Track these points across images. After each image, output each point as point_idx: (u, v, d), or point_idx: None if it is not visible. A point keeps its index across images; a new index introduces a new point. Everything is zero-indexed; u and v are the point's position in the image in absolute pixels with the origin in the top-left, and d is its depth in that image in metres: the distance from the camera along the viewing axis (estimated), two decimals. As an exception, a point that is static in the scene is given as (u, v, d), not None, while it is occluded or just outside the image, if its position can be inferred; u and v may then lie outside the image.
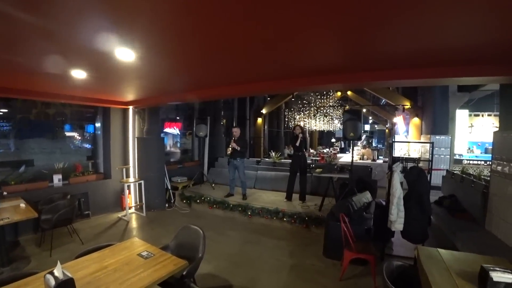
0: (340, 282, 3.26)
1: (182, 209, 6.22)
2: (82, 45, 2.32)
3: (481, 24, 1.83)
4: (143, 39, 2.26)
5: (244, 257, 3.93)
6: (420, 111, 8.66)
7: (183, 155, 9.12)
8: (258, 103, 12.34)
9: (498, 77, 2.83)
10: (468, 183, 4.49)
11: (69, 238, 4.42)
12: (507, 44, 2.18)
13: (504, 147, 3.47)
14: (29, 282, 1.98)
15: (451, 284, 1.78)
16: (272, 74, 3.58)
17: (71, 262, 2.32)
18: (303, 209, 5.20)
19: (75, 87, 4.16)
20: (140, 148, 6.23)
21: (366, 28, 1.99)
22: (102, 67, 3.08)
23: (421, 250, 2.27)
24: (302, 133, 5.75)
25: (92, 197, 5.69)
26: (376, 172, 7.58)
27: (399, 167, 3.45)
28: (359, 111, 4.81)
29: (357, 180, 4.95)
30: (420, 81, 3.38)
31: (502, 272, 1.69)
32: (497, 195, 3.52)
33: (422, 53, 2.51)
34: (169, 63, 3.02)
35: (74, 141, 6.35)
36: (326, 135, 23.20)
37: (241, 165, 5.91)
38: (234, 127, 6.15)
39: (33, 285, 1.95)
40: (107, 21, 1.90)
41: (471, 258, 2.17)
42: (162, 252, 2.48)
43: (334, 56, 2.76)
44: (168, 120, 8.53)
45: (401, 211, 3.30)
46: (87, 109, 6.28)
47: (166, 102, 5.83)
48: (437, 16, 1.74)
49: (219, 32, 2.08)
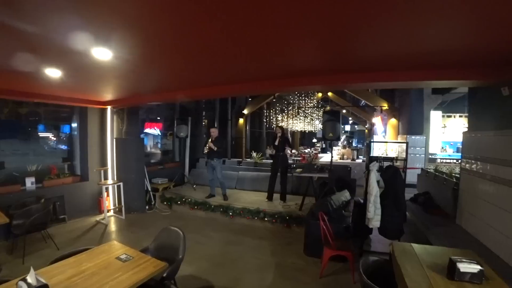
0: (321, 279, 3.33)
1: (163, 211, 6.12)
2: (56, 43, 2.24)
3: (450, 32, 1.95)
4: (121, 39, 2.22)
5: (226, 258, 3.93)
6: (397, 112, 9.00)
7: (164, 156, 8.97)
8: (240, 104, 12.34)
9: (466, 81, 3.01)
10: (440, 180, 4.72)
11: (44, 243, 4.23)
12: (474, 50, 2.34)
13: (472, 147, 3.67)
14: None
15: (423, 276, 1.87)
16: (253, 76, 3.60)
17: (46, 268, 2.23)
18: (284, 209, 5.26)
19: (50, 86, 4.00)
20: (119, 149, 6.07)
21: (345, 33, 2.07)
22: (78, 66, 2.98)
23: (396, 246, 2.37)
24: (283, 133, 5.81)
25: (68, 200, 5.46)
26: (355, 171, 7.79)
27: (376, 166, 3.57)
28: (338, 112, 4.93)
29: (337, 179, 5.07)
30: (396, 84, 3.52)
31: (468, 263, 1.80)
32: (466, 191, 3.73)
33: (397, 57, 2.62)
34: (148, 63, 2.97)
35: (49, 142, 6.09)
36: (308, 135, 23.55)
37: (218, 165, 5.91)
38: (212, 128, 6.15)
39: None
40: (81, 20, 1.84)
41: (441, 251, 2.28)
42: (141, 255, 2.44)
43: (315, 59, 2.83)
44: (148, 120, 8.36)
45: (378, 208, 3.42)
46: (62, 108, 6.03)
47: (146, 102, 5.72)
48: (410, 24, 1.84)
49: (200, 33, 2.08)
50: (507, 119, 2.99)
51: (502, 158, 2.97)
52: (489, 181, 3.19)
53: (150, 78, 3.74)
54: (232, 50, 2.51)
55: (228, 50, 2.50)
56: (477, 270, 1.77)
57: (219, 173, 5.93)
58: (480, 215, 3.33)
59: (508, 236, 2.78)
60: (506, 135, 2.95)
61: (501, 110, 3.10)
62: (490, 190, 3.18)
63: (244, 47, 2.44)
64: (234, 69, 3.27)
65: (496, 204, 3.04)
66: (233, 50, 2.51)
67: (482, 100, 3.56)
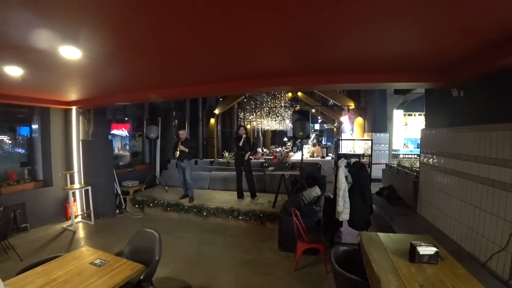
0: (295, 272, 3.47)
1: (134, 214, 5.95)
2: (16, 41, 2.13)
3: (407, 39, 2.20)
4: (90, 36, 2.16)
5: (201, 258, 3.94)
6: (363, 111, 9.51)
7: (133, 158, 8.69)
8: (211, 104, 12.27)
9: (421, 83, 3.32)
10: (402, 174, 5.09)
11: (4, 255, 3.93)
12: (425, 56, 2.64)
13: (428, 142, 4.02)
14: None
15: (388, 260, 2.06)
16: (224, 76, 3.67)
17: (12, 279, 2.09)
18: (257, 207, 5.37)
19: (9, 85, 3.73)
20: (85, 152, 5.80)
21: (310, 40, 2.23)
22: (42, 65, 2.84)
23: (363, 235, 2.55)
24: (246, 134, 5.91)
25: (30, 207, 5.11)
26: (325, 168, 8.11)
27: (344, 162, 3.78)
28: (307, 111, 5.13)
29: (307, 176, 5.25)
30: (360, 85, 3.79)
31: (426, 246, 2.01)
32: (425, 183, 4.08)
33: (360, 61, 2.85)
34: (118, 62, 2.91)
35: (3, 145, 5.63)
36: (278, 134, 23.96)
37: (187, 166, 5.88)
38: (179, 129, 6.06)
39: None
40: (45, 16, 1.78)
41: (403, 238, 2.50)
42: (116, 258, 2.40)
43: (283, 61, 2.97)
44: (115, 121, 8.02)
45: (347, 202, 3.63)
46: (19, 109, 5.60)
47: (115, 102, 5.52)
48: (367, 32, 2.05)
49: (171, 33, 2.10)
50: (457, 117, 3.33)
51: (454, 152, 3.30)
52: (443, 173, 3.52)
53: (119, 77, 3.66)
54: (203, 52, 2.56)
55: (199, 51, 2.54)
56: (434, 251, 1.98)
57: (188, 175, 5.89)
58: (437, 204, 3.66)
59: (460, 221, 3.10)
60: (457, 131, 3.28)
61: (452, 109, 3.44)
62: (444, 181, 3.51)
63: (214, 49, 2.50)
64: (206, 69, 3.31)
65: (449, 193, 3.37)
66: (204, 51, 2.55)
67: (436, 100, 3.91)
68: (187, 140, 5.98)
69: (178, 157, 5.84)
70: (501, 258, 2.45)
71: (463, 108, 3.20)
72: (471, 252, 2.88)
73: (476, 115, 2.97)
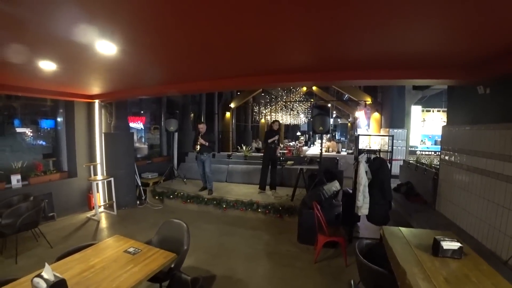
0: (315, 264, 3.56)
1: (155, 206, 6.14)
2: (56, 36, 2.22)
3: (431, 37, 2.20)
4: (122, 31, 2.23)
5: (222, 249, 4.07)
6: (380, 107, 9.39)
7: (150, 150, 8.92)
8: (226, 98, 12.37)
9: (444, 80, 3.29)
10: (421, 171, 5.07)
11: (34, 242, 4.15)
12: (452, 54, 2.62)
13: (450, 139, 3.99)
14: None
15: (411, 254, 2.12)
16: (245, 71, 3.73)
17: (52, 265, 2.20)
18: (276, 200, 5.45)
19: (36, 79, 3.89)
20: (108, 144, 6.00)
21: (334, 36, 2.27)
22: (74, 59, 2.95)
23: (386, 229, 2.60)
24: (279, 128, 6.06)
25: (56, 197, 5.36)
26: (341, 163, 8.11)
27: (364, 158, 3.81)
28: (328, 106, 5.13)
29: (325, 171, 5.30)
30: (382, 81, 3.77)
31: (449, 241, 2.06)
32: (445, 180, 4.06)
33: (383, 57, 2.85)
34: (147, 56, 2.99)
35: (25, 138, 5.87)
36: (292, 128, 23.89)
37: (207, 159, 5.99)
38: (199, 123, 6.15)
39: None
40: (85, 11, 1.85)
41: (425, 233, 2.54)
42: (149, 247, 2.53)
43: (306, 57, 3.01)
44: (131, 114, 8.22)
45: (366, 197, 3.67)
46: (43, 102, 5.82)
47: (136, 95, 5.69)
48: (396, 28, 2.05)
49: (200, 29, 2.16)
50: (481, 115, 3.30)
51: (476, 149, 3.28)
52: (465, 170, 3.51)
53: (144, 71, 3.74)
54: (226, 48, 2.63)
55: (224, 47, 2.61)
56: (458, 247, 2.03)
57: (208, 168, 6.01)
58: (457, 202, 3.66)
59: (481, 219, 3.10)
60: (481, 129, 3.25)
61: (476, 107, 3.40)
62: (465, 179, 3.50)
63: (240, 45, 2.57)
64: (228, 65, 3.37)
65: (471, 191, 3.36)
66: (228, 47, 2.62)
67: (459, 97, 3.87)
68: (207, 133, 6.07)
69: (198, 150, 5.96)
70: (524, 256, 2.46)
71: (489, 105, 3.17)
72: (492, 249, 2.89)
73: (501, 113, 2.94)
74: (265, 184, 6.05)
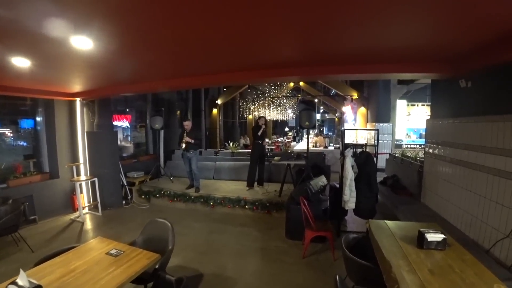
0: (304, 259, 3.57)
1: (141, 205, 6.03)
2: (27, 30, 2.10)
3: (414, 31, 2.21)
4: (102, 27, 2.13)
5: (210, 246, 4.03)
6: (366, 101, 9.49)
7: (136, 149, 8.74)
8: (213, 94, 12.24)
9: (428, 73, 3.32)
10: (407, 164, 5.15)
11: (15, 247, 3.99)
12: (435, 48, 2.64)
13: (434, 133, 4.06)
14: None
15: (396, 246, 2.14)
16: (231, 66, 3.67)
17: (32, 270, 2.13)
18: (264, 196, 5.44)
19: (12, 77, 3.72)
20: (91, 144, 5.82)
21: (319, 31, 2.24)
22: (51, 56, 2.82)
23: (372, 223, 2.62)
24: (265, 124, 6.04)
25: (38, 200, 5.17)
26: (329, 158, 8.17)
27: (350, 152, 3.82)
28: (314, 101, 5.14)
29: (312, 166, 5.32)
30: (368, 75, 3.78)
31: (433, 233, 2.09)
32: (429, 173, 4.13)
33: (370, 52, 2.85)
34: (127, 52, 2.89)
35: (5, 138, 5.63)
36: (280, 124, 23.92)
37: (194, 157, 5.92)
38: (185, 120, 6.09)
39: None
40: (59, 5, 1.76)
41: (410, 226, 2.57)
42: (132, 248, 2.46)
43: (292, 51, 2.97)
44: (116, 112, 8.01)
45: (353, 191, 3.69)
46: (22, 101, 5.58)
47: (120, 93, 5.50)
48: (378, 21, 2.04)
49: (184, 24, 2.10)
50: (463, 108, 3.36)
51: (459, 142, 3.35)
52: (448, 163, 3.58)
53: (127, 67, 3.64)
54: (211, 42, 2.56)
55: (208, 42, 2.54)
56: (441, 238, 2.06)
57: (194, 165, 5.94)
58: (441, 193, 3.73)
59: (464, 210, 3.17)
60: (463, 122, 3.31)
61: (459, 100, 3.46)
62: (449, 171, 3.56)
63: (227, 40, 2.50)
64: (215, 60, 3.30)
65: (454, 182, 3.43)
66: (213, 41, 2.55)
67: (443, 91, 3.93)
68: (193, 131, 6.00)
69: (184, 148, 5.88)
70: (505, 245, 2.52)
71: (470, 98, 3.23)
72: (475, 239, 2.96)
73: (483, 105, 3.00)
74: (253, 181, 6.04)
